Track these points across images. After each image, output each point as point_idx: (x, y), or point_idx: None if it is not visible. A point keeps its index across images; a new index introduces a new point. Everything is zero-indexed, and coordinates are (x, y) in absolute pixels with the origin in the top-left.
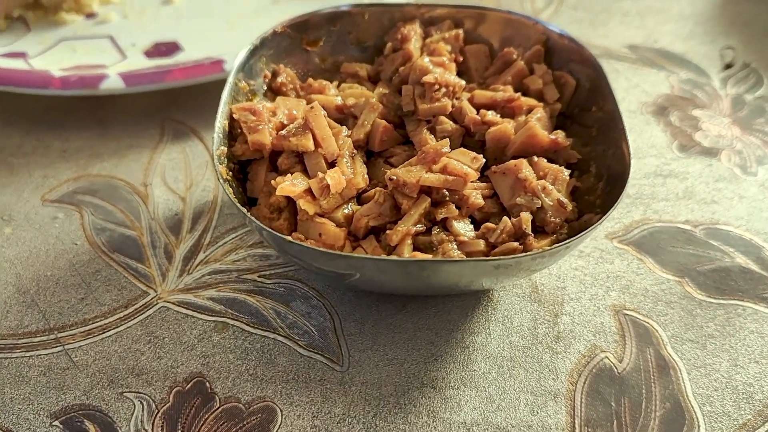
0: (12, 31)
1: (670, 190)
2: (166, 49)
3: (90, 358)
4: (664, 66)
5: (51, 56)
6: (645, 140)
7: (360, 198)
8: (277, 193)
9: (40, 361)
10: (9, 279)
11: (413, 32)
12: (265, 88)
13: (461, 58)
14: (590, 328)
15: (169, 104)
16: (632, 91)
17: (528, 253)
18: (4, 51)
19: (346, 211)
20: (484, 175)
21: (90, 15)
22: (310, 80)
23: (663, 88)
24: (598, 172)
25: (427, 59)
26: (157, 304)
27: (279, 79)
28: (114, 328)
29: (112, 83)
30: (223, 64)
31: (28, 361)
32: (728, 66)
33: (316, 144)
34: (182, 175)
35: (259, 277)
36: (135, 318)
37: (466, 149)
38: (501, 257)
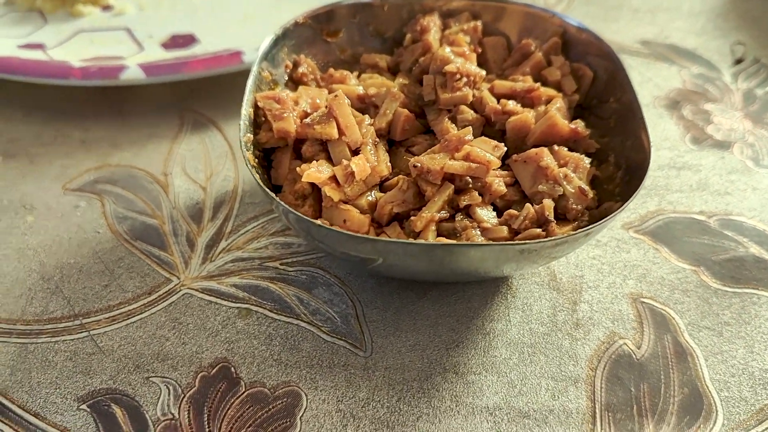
0: (29, 21)
1: (684, 181)
2: (183, 41)
3: (115, 344)
4: (676, 61)
5: (69, 47)
6: (658, 133)
7: (383, 185)
8: (303, 179)
9: (66, 347)
10: (33, 266)
11: (432, 23)
12: (287, 78)
13: (480, 50)
14: (608, 315)
15: (188, 95)
16: (645, 85)
17: (552, 238)
18: (22, 42)
19: (369, 198)
20: (505, 163)
21: (106, 7)
22: (331, 71)
23: (675, 82)
24: (617, 162)
25: (448, 49)
26: (181, 290)
27: (300, 70)
28: (138, 315)
29: (132, 74)
30: (241, 55)
31: (54, 347)
32: (739, 61)
33: (340, 132)
34: (202, 165)
35: (281, 264)
36: (159, 304)
37: (487, 138)
38: (526, 242)
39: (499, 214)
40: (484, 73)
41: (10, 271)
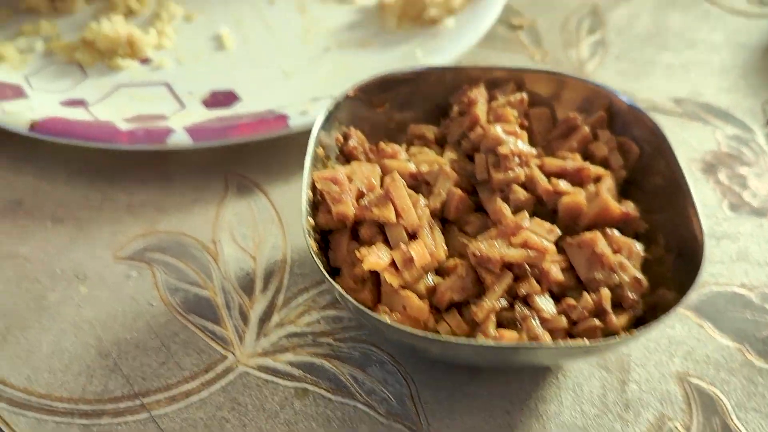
0: (68, 74)
1: (724, 251)
2: (224, 98)
3: (177, 426)
4: (710, 121)
5: (111, 104)
6: (694, 190)
7: (439, 268)
8: (364, 267)
9: (128, 429)
10: (90, 341)
11: (480, 96)
12: (338, 151)
13: (527, 123)
14: (657, 395)
15: (231, 156)
16: (681, 147)
17: (620, 339)
18: (64, 98)
19: (427, 282)
20: (558, 245)
21: (144, 60)
22: (382, 145)
23: (710, 144)
24: (667, 244)
25: (499, 129)
26: (237, 368)
27: (350, 143)
28: (197, 394)
29: (179, 139)
30: (287, 119)
31: (116, 428)
32: None
33: (397, 215)
34: (250, 231)
35: (334, 340)
36: (217, 383)
37: (540, 219)
38: (596, 343)
39: (554, 297)
40: (534, 151)
41: (68, 346)
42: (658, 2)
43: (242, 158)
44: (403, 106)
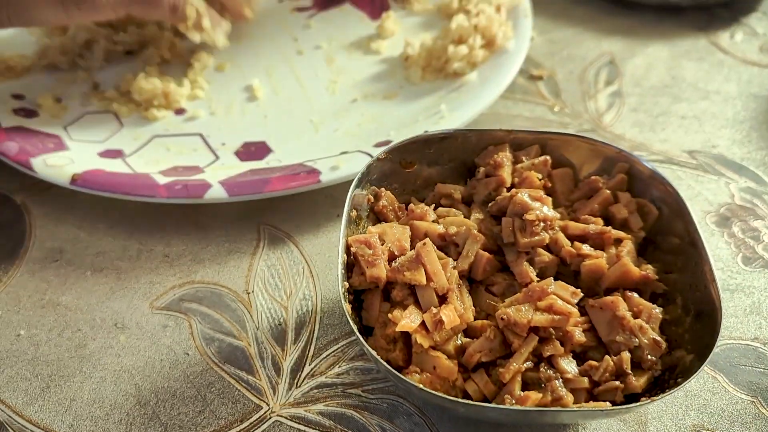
0: (105, 124)
1: (737, 305)
2: (256, 150)
3: None
4: (724, 173)
5: (147, 155)
6: (711, 253)
7: (468, 328)
8: (397, 329)
9: None
10: (129, 390)
11: (505, 159)
12: (368, 210)
13: (550, 184)
14: None
15: (263, 208)
16: (696, 200)
17: (641, 403)
18: (102, 148)
19: (457, 342)
20: (580, 305)
21: (179, 111)
22: (412, 206)
23: (724, 196)
24: (685, 305)
25: (526, 195)
26: (271, 418)
27: (381, 203)
28: None
29: (216, 193)
30: (319, 175)
31: None
32: None
33: (428, 278)
34: (282, 282)
35: (362, 391)
36: None
37: (563, 282)
38: (617, 407)
39: (576, 355)
40: (558, 215)
41: (108, 394)
42: (673, 52)
43: (274, 209)
44: (431, 164)
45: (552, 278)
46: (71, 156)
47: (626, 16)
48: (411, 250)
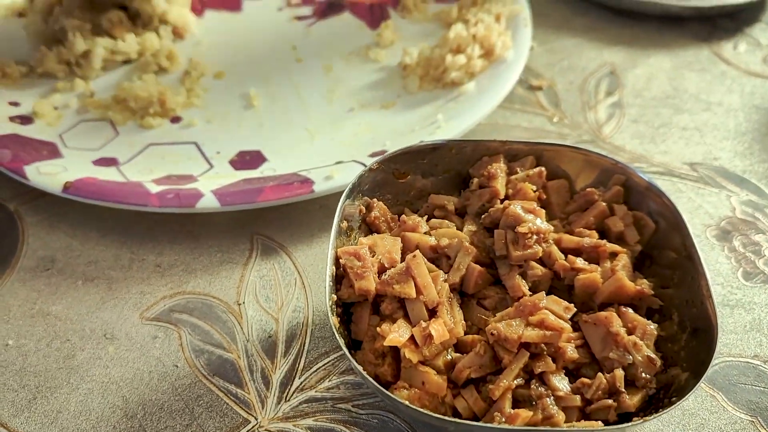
0: (100, 132)
1: (737, 321)
2: (251, 159)
3: None
4: (725, 186)
5: (141, 163)
6: (711, 267)
7: (458, 343)
8: (385, 343)
9: None
10: (117, 402)
11: (499, 170)
12: (360, 221)
13: (545, 196)
14: None
15: (257, 218)
16: (696, 213)
17: (635, 422)
18: (97, 156)
19: (446, 357)
20: (573, 320)
21: (175, 119)
22: (404, 217)
23: (725, 210)
24: (681, 322)
25: (519, 207)
26: None
27: (373, 214)
28: None
29: (208, 202)
30: (312, 185)
31: None
32: None
33: (418, 291)
34: (273, 293)
35: (352, 406)
36: None
37: (557, 297)
38: (610, 427)
39: (568, 372)
40: (552, 228)
41: (95, 406)
42: (675, 63)
43: (268, 219)
44: (425, 174)
45: (544, 292)
46: (65, 164)
47: (628, 26)
48: (402, 262)
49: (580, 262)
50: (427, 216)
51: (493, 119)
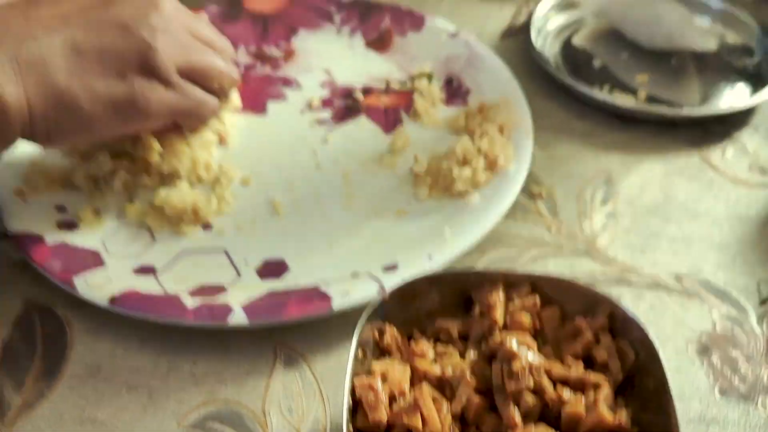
0: (139, 239)
1: None
2: (276, 268)
3: None
4: (707, 299)
5: (176, 272)
6: (690, 382)
7: None
8: None
9: None
10: None
11: (498, 301)
12: (373, 345)
13: (539, 325)
14: None
15: (279, 326)
16: (679, 329)
17: None
18: (137, 264)
19: None
20: None
21: (206, 226)
22: (413, 343)
23: (706, 324)
24: None
25: (515, 342)
26: None
27: (385, 339)
28: None
29: (238, 318)
30: (330, 302)
31: None
32: (764, 301)
33: (423, 422)
34: (295, 404)
35: None
36: None
37: (546, 426)
38: None
39: None
40: (543, 361)
41: None
42: (667, 169)
43: (291, 329)
44: (432, 300)
45: (533, 423)
46: (109, 274)
47: (624, 131)
48: (411, 387)
49: (566, 394)
50: (433, 338)
51: (496, 229)
